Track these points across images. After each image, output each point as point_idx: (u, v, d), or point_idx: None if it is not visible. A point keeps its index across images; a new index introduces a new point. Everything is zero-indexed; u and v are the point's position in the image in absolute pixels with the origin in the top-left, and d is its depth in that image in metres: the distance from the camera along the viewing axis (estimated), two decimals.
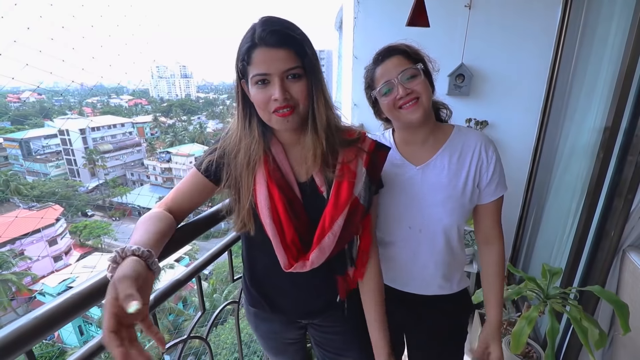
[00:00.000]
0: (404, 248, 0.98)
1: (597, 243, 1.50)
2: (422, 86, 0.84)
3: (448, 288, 1.00)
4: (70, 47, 51.64)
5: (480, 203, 0.94)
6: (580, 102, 1.84)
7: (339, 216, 0.74)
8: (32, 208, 21.53)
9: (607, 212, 1.44)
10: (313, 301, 0.89)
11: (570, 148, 1.90)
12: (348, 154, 0.77)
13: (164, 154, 32.07)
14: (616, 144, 1.41)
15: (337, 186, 0.75)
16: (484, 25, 2.18)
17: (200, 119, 41.37)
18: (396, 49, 0.87)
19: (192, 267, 0.92)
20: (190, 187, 0.79)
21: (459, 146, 0.91)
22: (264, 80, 0.67)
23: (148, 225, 0.67)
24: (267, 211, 0.73)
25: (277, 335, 0.99)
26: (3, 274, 14.86)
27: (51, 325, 0.54)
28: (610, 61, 1.51)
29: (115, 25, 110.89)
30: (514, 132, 2.32)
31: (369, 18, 2.41)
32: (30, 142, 31.39)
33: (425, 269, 0.98)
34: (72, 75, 31.57)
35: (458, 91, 2.28)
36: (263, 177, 0.75)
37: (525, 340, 1.36)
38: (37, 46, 13.06)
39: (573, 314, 1.31)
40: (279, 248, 0.75)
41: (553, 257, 1.90)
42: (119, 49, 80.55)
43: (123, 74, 71.00)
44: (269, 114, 0.70)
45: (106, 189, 29.74)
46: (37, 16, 31.27)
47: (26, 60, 7.84)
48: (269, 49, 0.66)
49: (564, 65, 2.06)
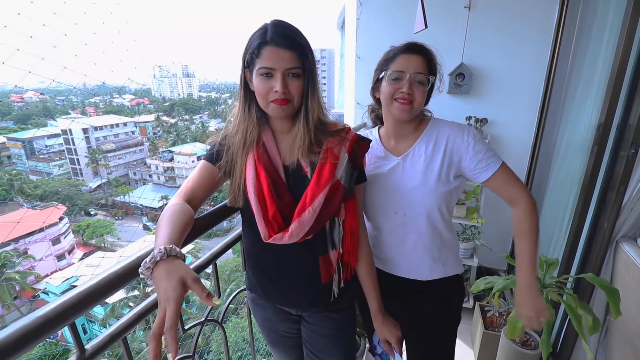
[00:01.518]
0: (392, 232, 1.06)
1: (592, 235, 1.55)
2: (421, 96, 0.94)
3: (439, 271, 1.06)
4: (78, 46, 51.81)
5: (481, 180, 0.97)
6: (576, 100, 1.89)
7: (319, 193, 0.81)
8: (35, 207, 21.64)
9: (601, 205, 1.50)
10: (298, 289, 0.93)
11: (567, 144, 1.95)
12: (332, 141, 0.86)
13: (167, 153, 32.14)
14: (609, 140, 1.46)
15: (320, 167, 0.84)
16: (483, 25, 2.24)
17: (202, 118, 41.50)
18: (426, 51, 0.96)
19: (210, 254, 0.98)
20: (202, 176, 0.86)
21: (434, 135, 1.00)
22: (269, 74, 0.78)
23: (174, 219, 0.72)
24: (253, 188, 0.82)
25: (272, 325, 1.04)
26: (7, 273, 14.95)
27: (92, 300, 0.61)
28: (605, 60, 1.56)
29: (121, 25, 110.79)
30: (513, 129, 2.38)
31: (371, 18, 2.46)
32: (34, 142, 31.53)
33: (413, 252, 1.05)
34: (77, 75, 31.56)
35: (458, 90, 2.34)
36: (253, 159, 0.84)
37: (520, 326, 1.42)
38: (50, 44, 13.09)
39: (569, 302, 1.37)
40: (261, 222, 0.82)
41: (552, 248, 1.95)
42: (123, 48, 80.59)
43: (127, 73, 71.25)
44: (267, 102, 0.81)
45: (109, 188, 29.86)
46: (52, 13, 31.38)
47: (34, 62, 7.89)
48: (278, 48, 0.76)
49: (561, 63, 2.12)
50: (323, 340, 1.01)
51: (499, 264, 2.63)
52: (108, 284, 0.62)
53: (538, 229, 0.94)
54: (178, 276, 0.57)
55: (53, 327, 0.55)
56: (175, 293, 0.55)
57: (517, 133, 2.38)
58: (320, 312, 0.98)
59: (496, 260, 2.57)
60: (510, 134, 2.39)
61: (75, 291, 0.60)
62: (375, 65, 1.03)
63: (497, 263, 2.62)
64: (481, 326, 1.90)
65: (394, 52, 0.97)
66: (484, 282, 1.63)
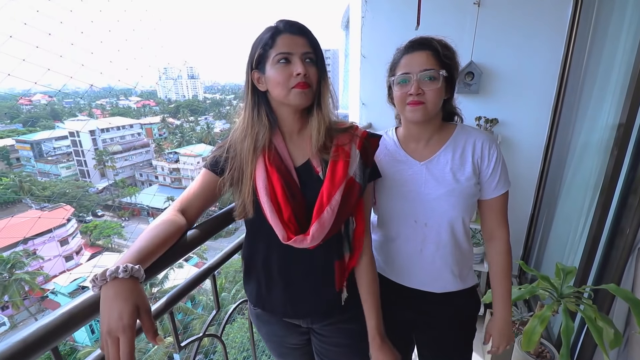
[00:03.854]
0: (410, 242, 0.98)
1: (612, 241, 1.47)
2: (434, 93, 0.86)
3: (456, 284, 1.00)
4: (89, 50, 52.46)
5: (483, 199, 0.96)
6: (593, 99, 1.81)
7: (335, 192, 0.78)
8: (44, 209, 21.90)
9: (622, 209, 1.42)
10: (309, 299, 0.88)
11: (583, 145, 1.87)
12: (342, 139, 0.84)
13: (172, 154, 32.37)
14: (630, 140, 1.38)
15: (332, 165, 0.81)
16: (493, 22, 2.15)
17: (207, 119, 41.73)
18: (429, 44, 0.87)
19: (206, 266, 0.93)
20: (201, 186, 0.83)
21: (461, 143, 0.94)
22: (287, 59, 0.76)
23: (152, 235, 0.68)
24: (265, 191, 0.78)
25: (280, 339, 0.99)
26: (17, 274, 15.14)
27: (75, 323, 0.55)
28: (624, 56, 1.48)
29: (131, 30, 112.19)
30: (525, 129, 2.30)
31: (376, 17, 2.40)
32: (42, 144, 31.92)
33: (432, 263, 0.98)
34: (85, 78, 31.97)
35: (467, 89, 2.26)
36: (262, 162, 0.80)
37: (536, 338, 1.35)
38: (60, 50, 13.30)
39: (587, 313, 1.29)
40: (277, 224, 0.77)
41: (566, 255, 1.87)
42: (132, 53, 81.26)
43: (134, 77, 71.84)
44: (288, 89, 0.77)
45: (115, 189, 30.13)
46: (58, 21, 31.84)
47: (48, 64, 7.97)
48: (292, 35, 0.77)
49: (576, 60, 2.04)
50: (338, 350, 0.96)
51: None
52: (91, 307, 0.57)
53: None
54: (134, 302, 0.52)
55: (34, 352, 0.49)
56: (131, 320, 0.51)
57: (529, 134, 2.30)
58: (330, 324, 0.93)
59: None
60: (521, 134, 2.31)
61: (57, 313, 0.55)
62: (382, 66, 0.98)
63: None
64: None
65: (398, 54, 0.91)
66: None
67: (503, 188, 0.94)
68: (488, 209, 0.98)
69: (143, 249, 0.63)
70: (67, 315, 0.55)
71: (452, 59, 0.88)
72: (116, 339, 0.50)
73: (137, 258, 0.60)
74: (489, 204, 0.96)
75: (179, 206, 0.80)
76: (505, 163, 0.94)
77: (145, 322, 0.53)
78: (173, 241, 0.71)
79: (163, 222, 0.72)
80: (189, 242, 0.75)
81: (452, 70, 0.88)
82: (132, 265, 0.56)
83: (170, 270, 13.51)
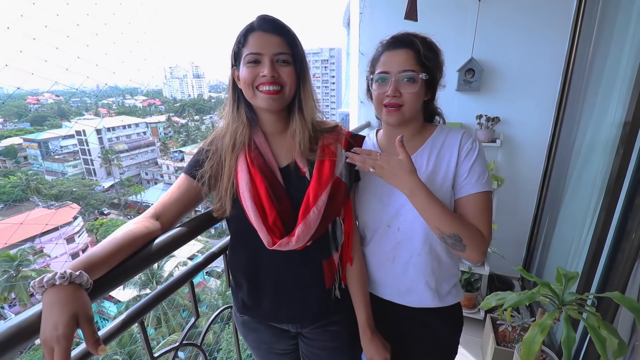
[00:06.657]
0: (382, 246, 0.93)
1: (617, 245, 1.41)
2: (412, 96, 0.82)
3: (434, 300, 0.93)
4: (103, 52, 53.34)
5: (461, 195, 0.85)
6: (598, 96, 1.74)
7: (322, 192, 0.77)
8: (50, 207, 22.14)
9: (628, 211, 1.35)
10: (301, 299, 0.87)
11: (588, 144, 1.80)
12: (328, 138, 0.83)
13: (177, 153, 32.58)
14: (637, 139, 1.32)
15: (319, 165, 0.80)
16: (494, 17, 2.08)
17: (212, 118, 41.85)
18: (411, 42, 0.82)
19: (184, 272, 0.88)
20: (178, 191, 0.81)
21: (438, 144, 0.89)
22: (256, 60, 0.74)
23: (114, 240, 0.64)
24: (248, 194, 0.76)
25: (268, 346, 0.96)
26: (24, 271, 15.35)
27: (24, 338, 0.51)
28: (631, 51, 1.42)
29: (141, 33, 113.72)
30: (528, 127, 2.23)
31: (374, 13, 2.34)
32: (49, 142, 32.31)
33: (404, 272, 0.92)
34: (102, 78, 32.37)
35: (468, 87, 2.20)
36: (245, 163, 0.78)
37: (537, 348, 1.28)
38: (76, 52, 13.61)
39: (590, 322, 1.23)
40: (262, 229, 0.75)
41: (569, 260, 1.81)
42: (142, 55, 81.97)
43: (143, 77, 72.64)
44: (253, 90, 0.75)
45: (121, 187, 30.40)
46: (75, 24, 32.33)
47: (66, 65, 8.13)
48: (264, 33, 0.74)
49: (580, 57, 1.96)
50: (324, 354, 0.95)
51: (513, 271, 2.48)
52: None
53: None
54: (71, 310, 0.49)
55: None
56: (67, 329, 0.47)
57: (531, 132, 2.22)
58: (319, 327, 0.92)
59: (509, 267, 2.42)
60: (524, 133, 2.24)
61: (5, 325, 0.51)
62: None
63: (510, 270, 2.46)
64: (493, 341, 1.76)
65: (380, 49, 0.86)
66: (496, 298, 1.48)
67: (485, 186, 0.83)
68: (466, 207, 0.84)
69: (95, 254, 0.59)
70: (16, 329, 0.51)
71: (433, 60, 0.83)
72: (51, 349, 0.47)
73: (85, 263, 0.56)
74: (469, 200, 0.84)
75: (153, 212, 0.77)
76: (486, 163, 0.86)
77: (86, 330, 0.50)
78: (134, 248, 0.67)
79: (128, 230, 0.69)
80: (153, 252, 0.70)
81: (433, 72, 0.83)
82: (72, 271, 0.52)
83: (175, 268, 13.59)
